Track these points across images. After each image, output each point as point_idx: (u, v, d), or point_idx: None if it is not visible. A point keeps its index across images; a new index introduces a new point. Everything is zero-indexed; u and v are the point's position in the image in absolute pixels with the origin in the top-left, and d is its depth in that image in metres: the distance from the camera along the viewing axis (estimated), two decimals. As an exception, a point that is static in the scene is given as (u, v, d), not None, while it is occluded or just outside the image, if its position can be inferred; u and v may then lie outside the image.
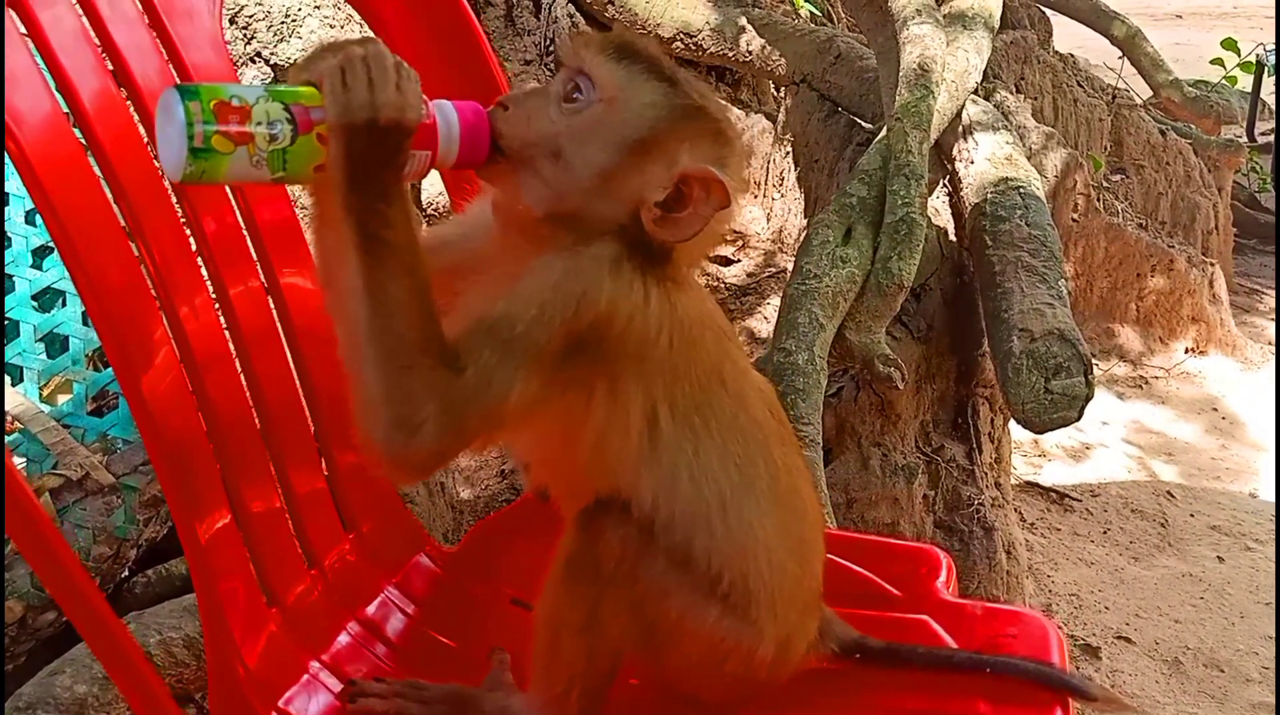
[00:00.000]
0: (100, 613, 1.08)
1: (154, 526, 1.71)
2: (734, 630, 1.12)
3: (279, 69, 2.43)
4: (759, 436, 1.14)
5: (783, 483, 1.15)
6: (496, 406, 1.00)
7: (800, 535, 1.17)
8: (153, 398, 1.12)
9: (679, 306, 1.08)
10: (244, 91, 0.96)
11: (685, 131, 1.07)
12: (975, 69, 2.44)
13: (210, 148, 0.94)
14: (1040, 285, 2.21)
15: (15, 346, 1.73)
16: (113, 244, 1.13)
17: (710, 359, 1.11)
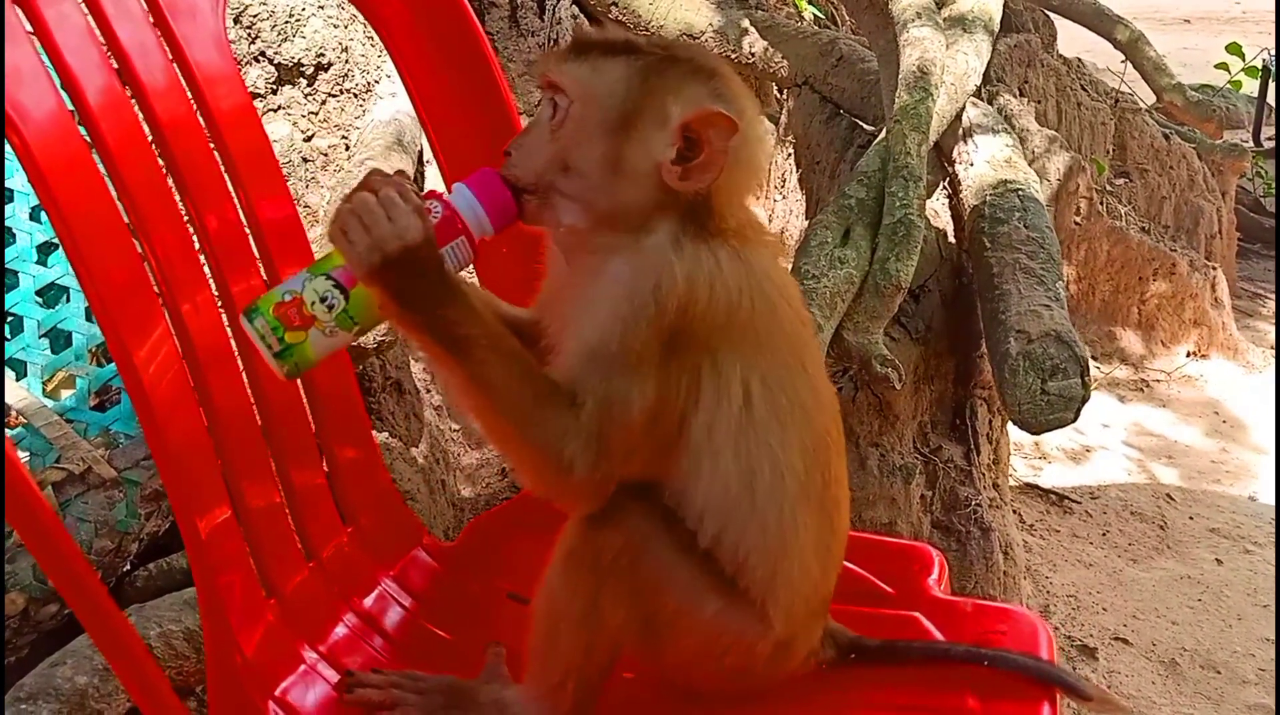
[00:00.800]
0: (102, 605, 1.10)
1: (155, 521, 1.72)
2: (735, 624, 1.14)
3: (282, 68, 2.45)
4: (825, 442, 1.17)
5: (831, 493, 1.18)
6: (626, 422, 1.07)
7: (829, 546, 1.19)
8: (155, 394, 1.14)
9: (753, 265, 1.11)
10: (292, 284, 1.07)
11: (662, 86, 1.09)
12: (975, 72, 2.45)
13: (288, 346, 1.06)
14: (1038, 287, 2.22)
15: (19, 341, 1.74)
16: (116, 241, 1.15)
17: (790, 335, 1.14)
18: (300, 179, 2.44)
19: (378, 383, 2.36)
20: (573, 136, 1.09)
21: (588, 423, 1.05)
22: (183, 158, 1.26)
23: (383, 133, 2.37)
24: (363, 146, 2.38)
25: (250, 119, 1.39)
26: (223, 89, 1.33)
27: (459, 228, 1.07)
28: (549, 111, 1.11)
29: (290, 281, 1.07)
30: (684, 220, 1.09)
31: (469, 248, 1.08)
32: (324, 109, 2.51)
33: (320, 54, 2.47)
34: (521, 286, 1.22)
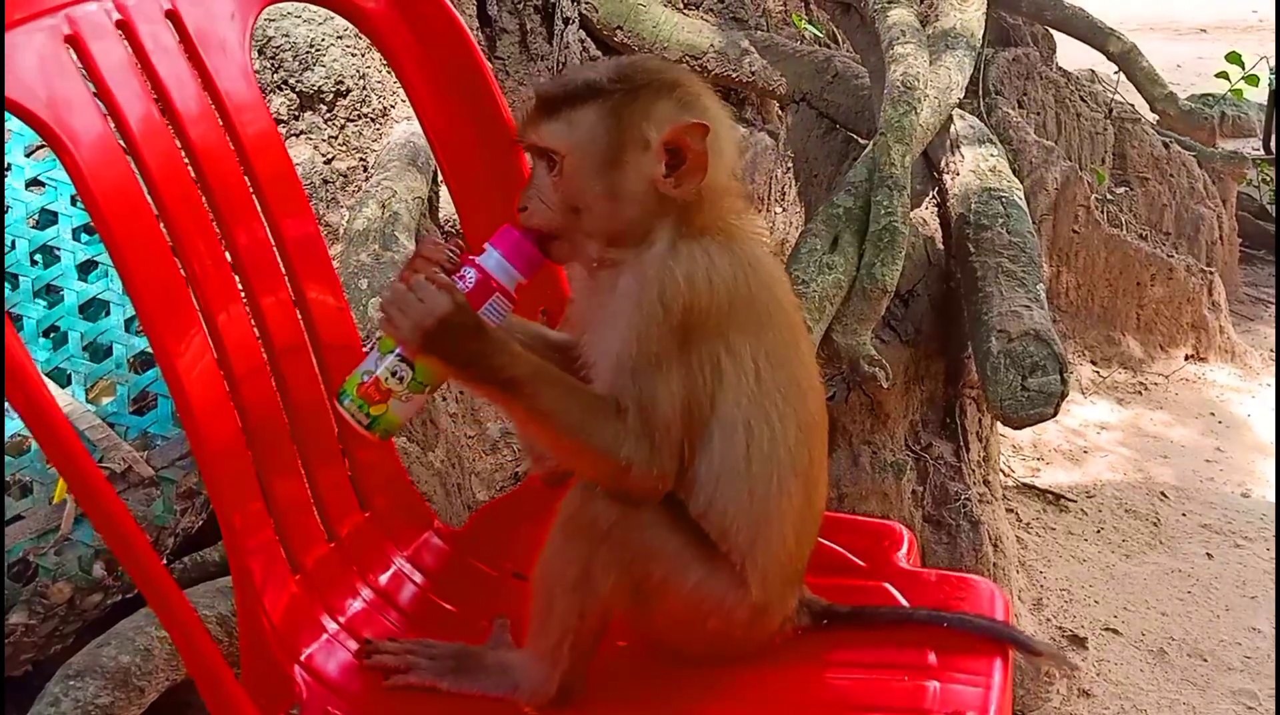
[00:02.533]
0: (162, 582, 1.21)
1: (190, 516, 1.85)
2: (716, 589, 1.26)
3: (304, 95, 2.59)
4: (815, 421, 1.30)
5: (814, 472, 1.31)
6: (666, 417, 1.21)
7: (806, 520, 1.32)
8: (195, 396, 1.28)
9: (742, 254, 1.25)
10: (368, 366, 1.24)
11: (634, 116, 1.24)
12: (958, 85, 2.57)
13: (374, 417, 1.23)
14: (1019, 289, 2.34)
15: (64, 352, 1.88)
16: (158, 257, 1.28)
17: (786, 314, 1.29)
18: (322, 199, 2.57)
19: (396, 390, 2.48)
20: (572, 183, 1.24)
21: (634, 426, 1.20)
22: (215, 180, 1.37)
23: (399, 154, 2.50)
24: (380, 168, 2.51)
25: (275, 144, 1.51)
26: (249, 116, 1.45)
27: (493, 287, 1.23)
28: (544, 165, 1.26)
29: (366, 363, 1.24)
30: (679, 223, 1.24)
31: (505, 301, 1.25)
32: (343, 133, 2.64)
33: (339, 81, 2.61)
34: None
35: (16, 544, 1.70)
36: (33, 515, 1.74)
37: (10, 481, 1.78)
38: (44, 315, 1.92)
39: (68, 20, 1.18)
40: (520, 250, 1.24)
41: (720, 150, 1.25)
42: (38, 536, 1.71)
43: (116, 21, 1.24)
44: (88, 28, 1.21)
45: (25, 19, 1.14)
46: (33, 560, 1.69)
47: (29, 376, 1.10)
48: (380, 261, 2.19)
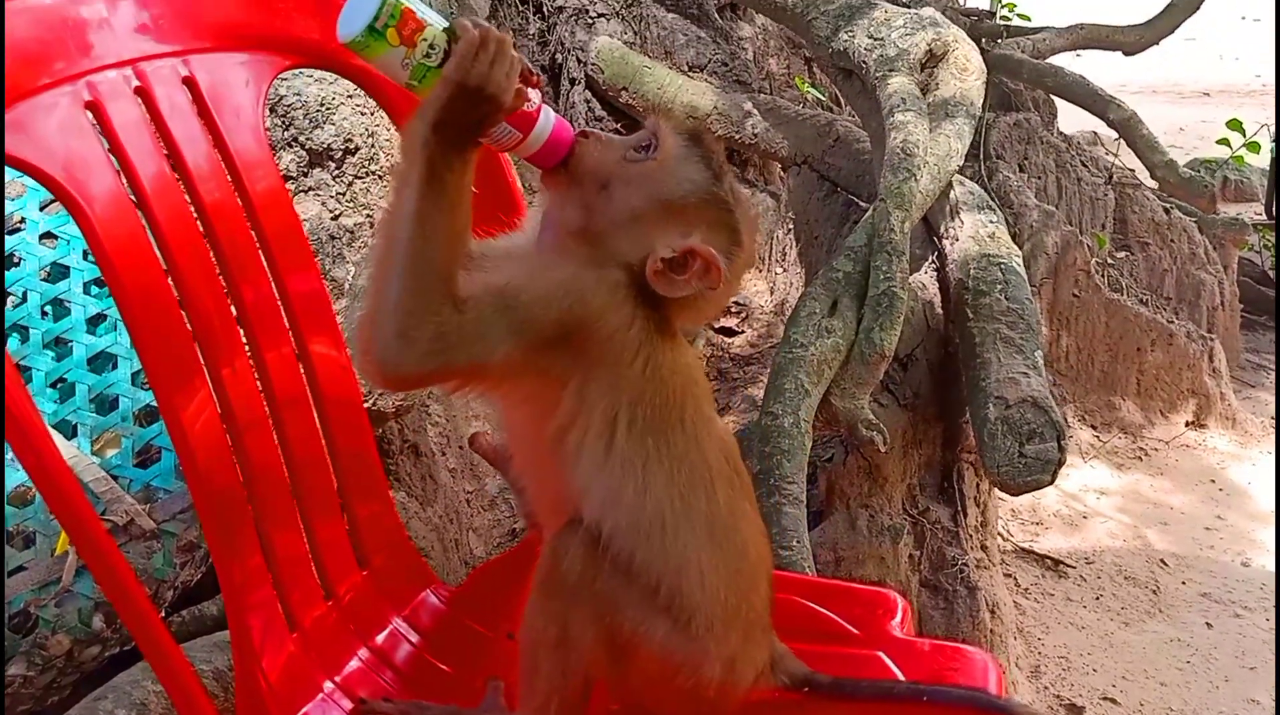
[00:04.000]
0: (159, 635, 1.22)
1: (189, 569, 1.86)
2: (682, 645, 1.26)
3: (313, 152, 2.62)
4: (705, 475, 1.28)
5: (721, 520, 1.29)
6: (481, 356, 1.17)
7: (737, 569, 1.30)
8: (198, 450, 1.29)
9: (658, 344, 1.25)
10: (428, 14, 1.16)
11: (707, 215, 1.26)
12: (957, 153, 2.60)
13: (383, 33, 1.13)
14: (1017, 355, 2.36)
15: (71, 404, 1.90)
16: (166, 311, 1.30)
17: (675, 396, 1.27)
18: (328, 254, 2.60)
19: (396, 445, 2.51)
20: (632, 177, 1.25)
21: (454, 328, 1.15)
22: (224, 237, 1.39)
23: (405, 212, 2.53)
24: (386, 224, 2.55)
25: (284, 203, 1.54)
26: (259, 174, 1.47)
27: (527, 124, 1.22)
28: (635, 142, 1.28)
29: (432, 14, 1.17)
30: (634, 284, 1.24)
31: (512, 143, 1.23)
32: (351, 189, 2.67)
33: (349, 139, 2.64)
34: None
35: (18, 595, 1.71)
36: (35, 566, 1.75)
37: (13, 532, 1.79)
38: (53, 367, 1.94)
39: (89, 87, 1.21)
40: (561, 140, 1.24)
41: (705, 300, 1.28)
42: (39, 588, 1.72)
43: (135, 88, 1.27)
44: (108, 93, 1.24)
45: (49, 85, 1.17)
46: (33, 612, 1.70)
47: (34, 428, 1.11)
48: (384, 318, 2.21)
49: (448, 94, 1.15)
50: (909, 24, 2.78)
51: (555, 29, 3.75)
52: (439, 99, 1.15)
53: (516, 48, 1.19)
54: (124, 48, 1.25)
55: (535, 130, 1.23)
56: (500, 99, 1.16)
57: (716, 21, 3.97)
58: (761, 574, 1.34)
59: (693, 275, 1.23)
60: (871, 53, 2.77)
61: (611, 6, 3.76)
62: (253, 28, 1.38)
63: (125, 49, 1.25)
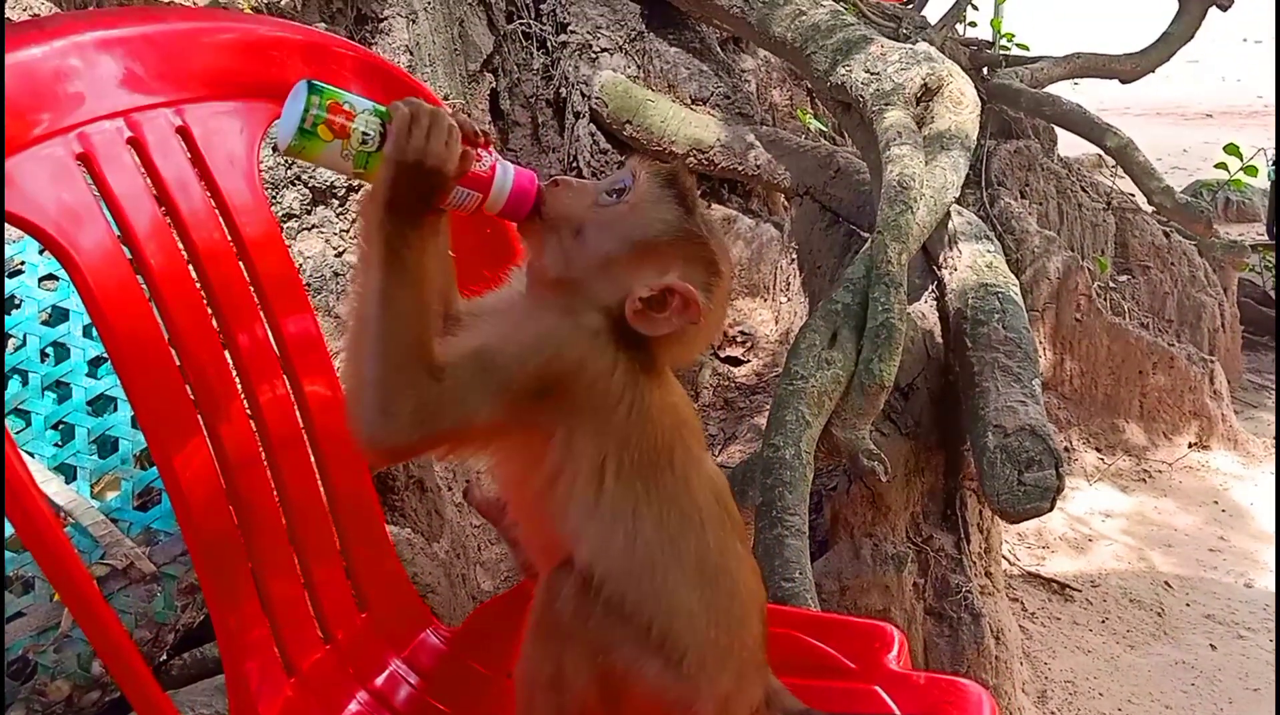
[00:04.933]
0: (149, 689, 1.22)
1: (190, 612, 1.87)
2: (674, 685, 1.25)
3: (316, 191, 2.65)
4: (695, 516, 1.28)
5: (711, 561, 1.28)
6: (464, 421, 1.18)
7: (727, 609, 1.29)
8: (191, 495, 1.30)
9: (642, 386, 1.24)
10: (355, 101, 1.18)
11: (682, 251, 1.26)
12: (953, 185, 2.61)
13: (315, 132, 1.15)
14: (1015, 384, 2.36)
15: (70, 447, 1.91)
16: (158, 356, 1.30)
17: (664, 438, 1.26)
18: (331, 292, 2.62)
19: (401, 481, 2.51)
20: (606, 221, 1.25)
21: (434, 396, 1.15)
22: (217, 282, 1.40)
23: (405, 248, 2.55)
24: (386, 262, 2.56)
25: (277, 245, 1.54)
26: (252, 219, 1.47)
27: (483, 185, 1.22)
28: (608, 185, 1.28)
29: (359, 100, 1.18)
30: (615, 327, 1.23)
31: (475, 204, 1.23)
32: (354, 227, 2.69)
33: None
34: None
35: (17, 641, 1.72)
36: (34, 612, 1.75)
37: (12, 577, 1.80)
38: (53, 410, 1.95)
39: (80, 138, 1.22)
40: (524, 194, 1.24)
41: (687, 343, 1.28)
42: (38, 634, 1.73)
43: (128, 138, 1.28)
44: (100, 143, 1.24)
45: (40, 137, 1.18)
46: (32, 658, 1.70)
47: (18, 480, 1.10)
48: (384, 355, 2.21)
49: (391, 174, 1.17)
50: (904, 59, 2.79)
51: (559, 64, 3.77)
52: (384, 180, 1.17)
53: (458, 113, 1.22)
54: (116, 99, 1.26)
55: (494, 189, 1.23)
56: (442, 169, 1.17)
57: (719, 55, 4.00)
58: (753, 612, 1.34)
59: (673, 312, 1.22)
60: (868, 87, 2.79)
61: (615, 41, 3.79)
62: (246, 75, 1.40)
63: (118, 100, 1.26)
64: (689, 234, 1.26)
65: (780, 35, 3.12)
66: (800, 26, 3.06)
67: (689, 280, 1.23)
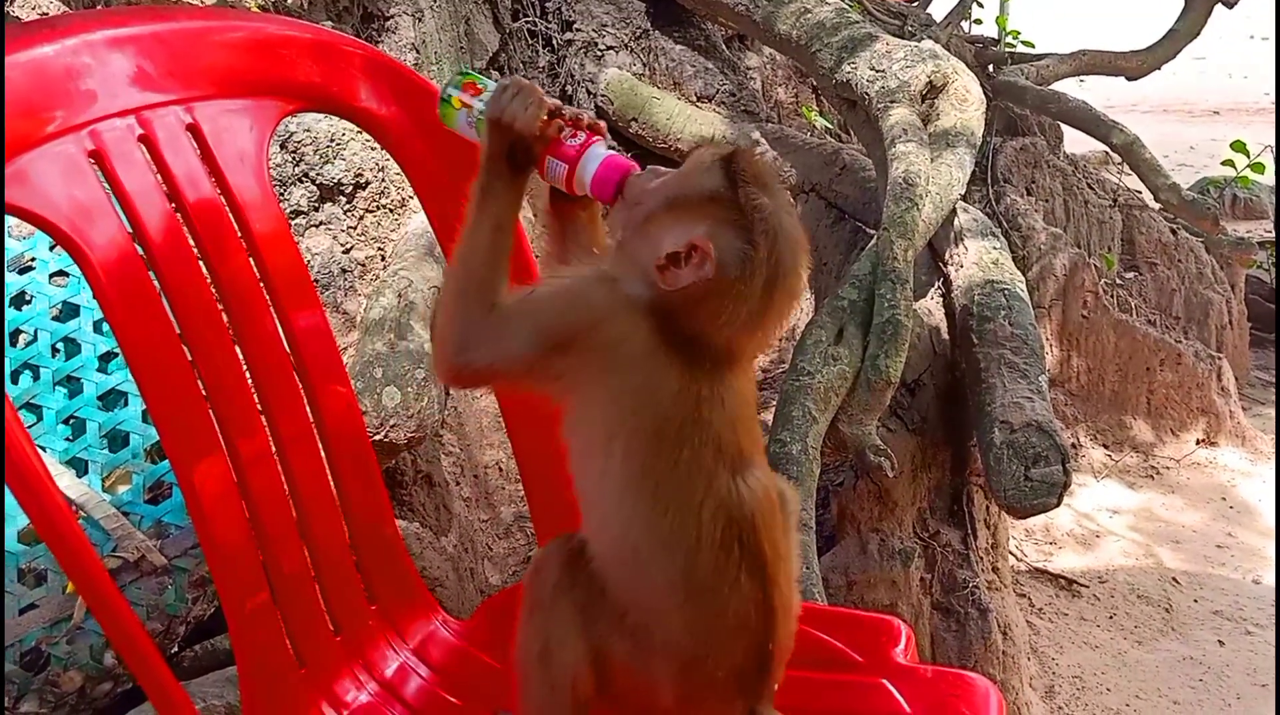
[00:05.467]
0: (162, 677, 1.23)
1: (201, 605, 1.88)
2: (643, 671, 1.26)
3: (324, 187, 2.66)
4: (691, 533, 1.23)
5: (699, 581, 1.24)
6: (503, 356, 1.26)
7: (707, 627, 1.25)
8: (204, 489, 1.31)
9: (666, 367, 1.22)
10: (488, 83, 1.38)
11: (715, 214, 1.22)
12: (959, 182, 2.62)
13: (449, 102, 1.39)
14: (1021, 380, 2.37)
15: (82, 442, 1.92)
16: (168, 349, 1.31)
17: (671, 432, 1.22)
18: (339, 288, 2.63)
19: (409, 476, 2.52)
20: (656, 187, 1.27)
21: (478, 327, 1.26)
22: (227, 279, 1.41)
23: (415, 245, 2.56)
24: (397, 257, 2.57)
25: (287, 242, 1.55)
26: (263, 216, 1.48)
27: (570, 159, 1.33)
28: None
29: (491, 82, 1.38)
30: (656, 307, 1.22)
31: (562, 177, 1.33)
32: (362, 223, 2.71)
33: (359, 174, 2.68)
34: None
35: (29, 633, 1.73)
36: (46, 604, 1.77)
37: (25, 570, 1.82)
38: (64, 405, 1.96)
39: (92, 135, 1.23)
40: (610, 170, 1.31)
41: (711, 310, 1.22)
42: (50, 626, 1.74)
43: (139, 136, 1.29)
44: (111, 141, 1.26)
45: (52, 135, 1.19)
46: (45, 649, 1.72)
47: (33, 472, 1.12)
48: (395, 350, 2.23)
49: (488, 131, 1.32)
50: (909, 56, 2.80)
51: (565, 61, 3.79)
52: (485, 138, 1.33)
53: (565, 105, 1.36)
54: (128, 97, 1.27)
55: (580, 165, 1.32)
56: (523, 130, 1.30)
57: (724, 53, 4.01)
58: (738, 644, 1.26)
59: (690, 266, 1.20)
60: (873, 84, 2.80)
61: (620, 39, 3.80)
62: (254, 74, 1.41)
63: (129, 98, 1.27)
64: (725, 198, 1.22)
65: (785, 33, 3.13)
66: (805, 24, 3.07)
67: (714, 240, 1.20)
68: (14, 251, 2.12)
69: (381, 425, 2.13)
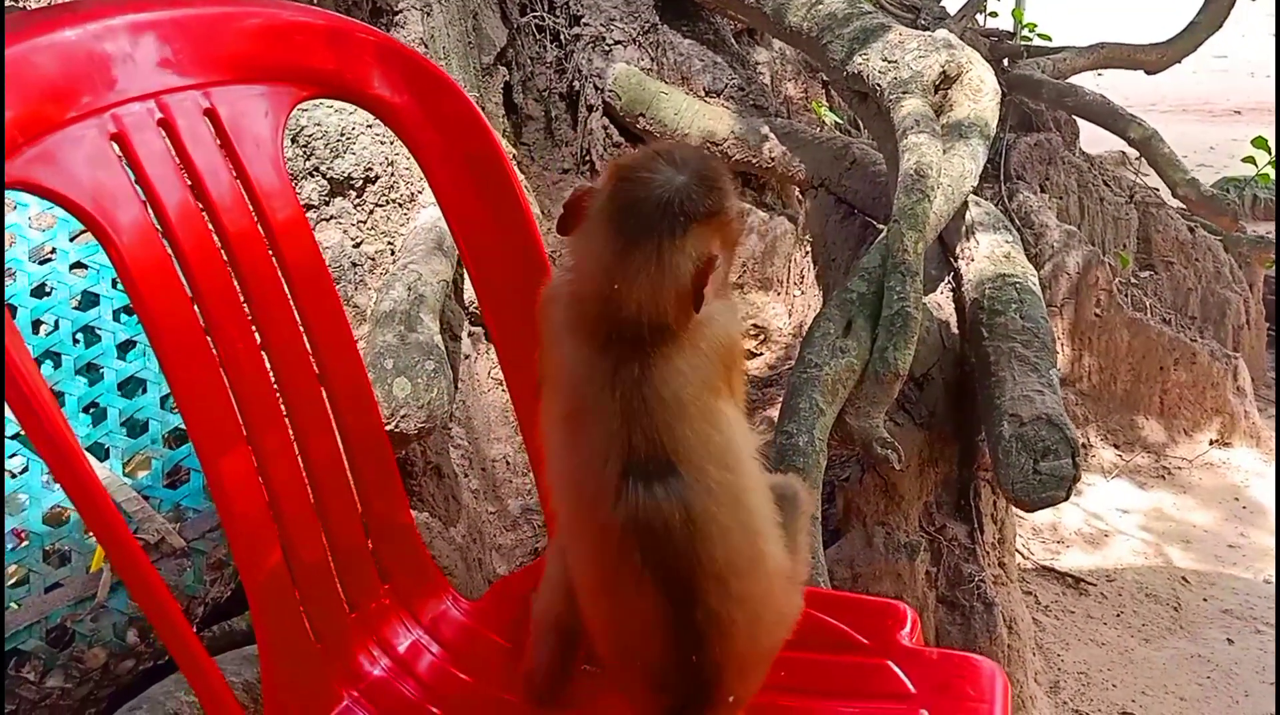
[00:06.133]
0: (190, 642, 1.26)
1: (219, 586, 1.91)
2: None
3: (334, 182, 2.69)
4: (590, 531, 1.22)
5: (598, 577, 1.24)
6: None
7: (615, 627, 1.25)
8: (225, 472, 1.33)
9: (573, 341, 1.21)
10: None
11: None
12: (971, 174, 2.63)
13: None
14: (1031, 374, 2.38)
15: (103, 428, 1.96)
16: (191, 334, 1.33)
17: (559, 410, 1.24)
18: (350, 281, 2.66)
19: (419, 467, 2.55)
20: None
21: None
22: (245, 263, 1.43)
23: (425, 239, 2.59)
24: (406, 251, 2.60)
25: (303, 229, 1.57)
26: (278, 203, 1.51)
27: None
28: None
29: None
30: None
31: None
32: (372, 218, 2.74)
33: (369, 168, 2.71)
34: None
35: (55, 610, 1.77)
36: (70, 583, 1.80)
37: (49, 551, 1.85)
38: (85, 392, 2.00)
39: (114, 119, 1.26)
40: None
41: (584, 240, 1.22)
42: (75, 604, 1.78)
43: (158, 120, 1.32)
44: (132, 124, 1.28)
45: (76, 118, 1.22)
46: (70, 626, 1.75)
47: (72, 452, 1.15)
48: (406, 342, 2.26)
49: None
50: (922, 46, 2.81)
51: (572, 56, 3.81)
52: None
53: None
54: (147, 81, 1.30)
55: None
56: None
57: (733, 47, 4.03)
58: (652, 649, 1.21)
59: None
60: (885, 75, 2.81)
61: (628, 33, 3.82)
62: (270, 59, 1.43)
63: (148, 82, 1.30)
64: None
65: (796, 25, 3.14)
66: (816, 15, 3.07)
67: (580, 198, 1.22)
68: (35, 242, 2.16)
69: (392, 416, 2.16)
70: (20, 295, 2.07)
